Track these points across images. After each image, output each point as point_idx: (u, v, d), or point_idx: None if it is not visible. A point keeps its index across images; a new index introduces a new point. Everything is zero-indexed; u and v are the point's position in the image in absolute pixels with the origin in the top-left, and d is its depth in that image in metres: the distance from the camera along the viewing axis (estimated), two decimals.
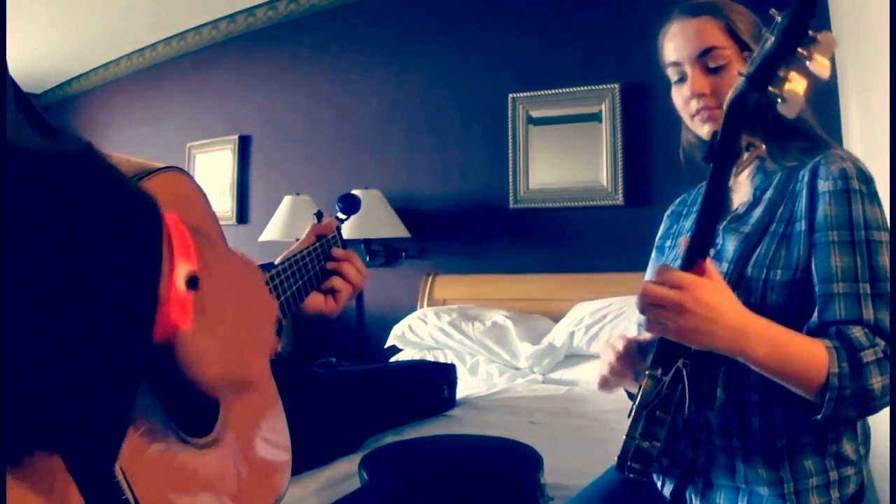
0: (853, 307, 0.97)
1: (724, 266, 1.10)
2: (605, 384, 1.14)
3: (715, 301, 0.90)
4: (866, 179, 1.04)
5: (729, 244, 1.12)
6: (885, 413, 1.46)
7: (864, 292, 0.97)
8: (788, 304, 1.03)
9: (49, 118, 0.73)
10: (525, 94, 3.58)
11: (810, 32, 0.88)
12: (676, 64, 1.19)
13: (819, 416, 0.93)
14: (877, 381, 0.92)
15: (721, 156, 0.94)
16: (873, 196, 1.03)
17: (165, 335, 0.37)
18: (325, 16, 4.15)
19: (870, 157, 2.05)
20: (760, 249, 1.07)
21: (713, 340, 0.91)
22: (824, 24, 2.86)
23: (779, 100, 0.85)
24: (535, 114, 3.58)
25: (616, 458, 0.99)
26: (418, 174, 3.86)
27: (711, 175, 0.95)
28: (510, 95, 3.61)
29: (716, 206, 0.97)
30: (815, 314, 1.01)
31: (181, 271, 0.38)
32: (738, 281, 1.06)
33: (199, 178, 4.54)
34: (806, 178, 1.07)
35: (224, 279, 0.45)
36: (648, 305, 0.91)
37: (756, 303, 1.03)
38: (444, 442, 1.90)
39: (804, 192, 1.06)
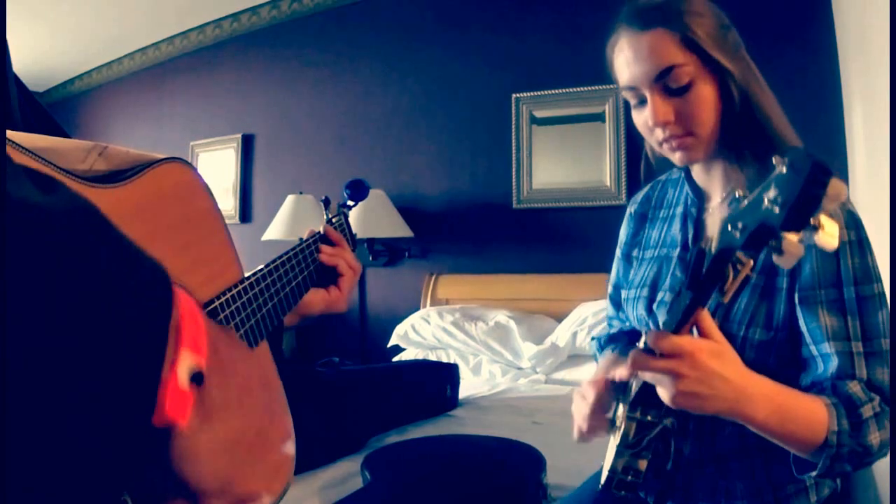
0: (846, 365, 0.92)
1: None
2: (582, 437, 1.05)
3: (714, 364, 0.82)
4: (856, 224, 0.96)
5: None
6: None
7: (858, 351, 0.93)
8: (765, 360, 0.99)
9: (56, 116, 0.73)
10: (528, 94, 3.57)
11: None
12: (632, 88, 1.05)
13: (815, 473, 0.89)
14: (875, 437, 0.88)
15: (705, 283, 0.80)
16: (863, 242, 0.96)
17: (161, 425, 0.35)
18: (329, 15, 4.15)
19: (874, 158, 2.05)
20: (740, 303, 1.00)
21: (714, 405, 0.83)
22: (828, 25, 2.86)
23: (774, 254, 0.72)
24: (538, 114, 3.57)
25: (601, 483, 0.98)
26: (421, 174, 3.86)
27: (691, 301, 0.81)
28: (513, 95, 3.60)
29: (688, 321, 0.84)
30: (808, 373, 0.97)
31: (185, 363, 0.35)
32: None
33: (202, 176, 4.55)
34: None
35: (238, 380, 0.42)
36: (645, 373, 0.85)
37: None
38: (446, 442, 1.89)
39: None
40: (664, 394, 0.84)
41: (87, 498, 0.33)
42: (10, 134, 0.43)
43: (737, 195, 0.77)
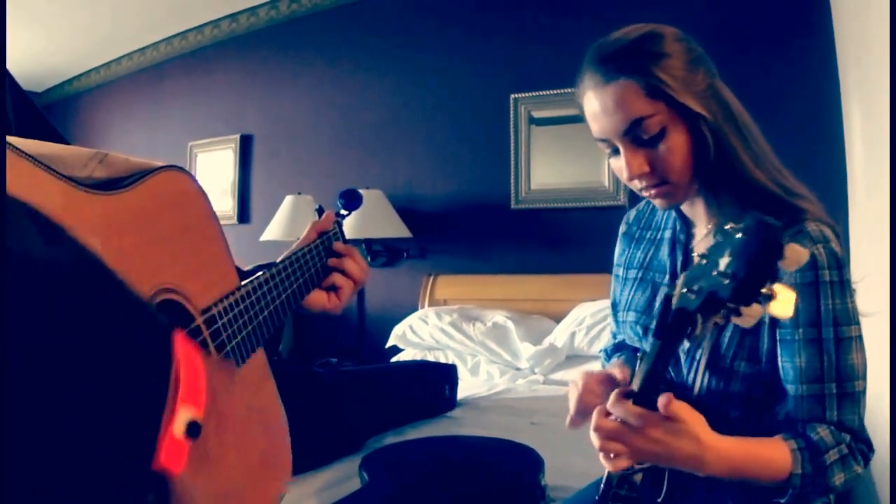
0: (817, 408, 0.95)
1: (686, 344, 1.05)
2: (573, 423, 1.08)
3: (669, 439, 0.87)
4: (838, 264, 0.96)
5: None
6: (885, 412, 1.47)
7: (830, 392, 0.95)
8: (752, 390, 1.01)
9: (52, 119, 0.73)
10: (527, 94, 3.58)
11: None
12: (602, 140, 1.04)
13: (783, 501, 0.94)
14: (839, 478, 0.93)
15: (671, 334, 0.82)
16: (845, 284, 0.96)
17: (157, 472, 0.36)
18: (327, 16, 4.15)
19: (872, 160, 2.05)
20: (724, 336, 1.02)
21: (669, 465, 0.91)
22: (827, 27, 2.87)
23: (733, 315, 0.73)
24: (536, 114, 3.58)
25: (597, 496, 1.00)
26: (420, 174, 3.86)
27: (660, 349, 0.83)
28: (512, 96, 3.60)
29: (660, 373, 0.88)
30: (783, 406, 1.00)
31: (182, 416, 0.36)
32: (701, 367, 1.04)
33: (201, 177, 4.55)
34: None
35: (236, 423, 0.43)
36: (603, 439, 0.90)
37: (719, 390, 1.02)
38: (444, 443, 1.89)
39: None
40: (624, 456, 0.90)
41: None
42: (14, 140, 0.44)
43: (713, 243, 0.78)
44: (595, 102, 1.02)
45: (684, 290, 0.78)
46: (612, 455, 0.91)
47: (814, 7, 2.94)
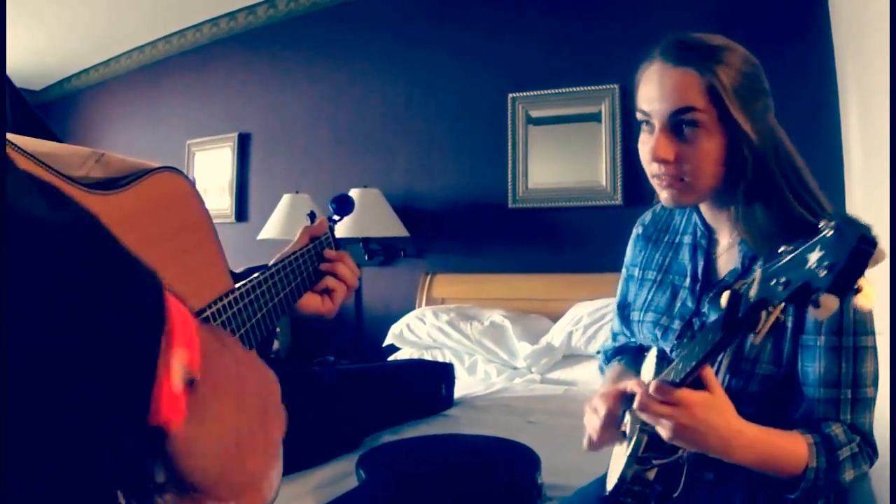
0: (832, 410, 1.01)
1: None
2: (592, 447, 1.12)
3: (708, 417, 0.92)
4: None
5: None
6: (885, 413, 1.47)
7: (846, 398, 1.00)
8: (768, 393, 1.06)
9: (47, 118, 0.74)
10: (525, 93, 3.58)
11: None
12: (646, 114, 1.07)
13: (792, 496, 0.98)
14: (849, 474, 0.98)
15: (741, 326, 0.84)
16: None
17: (158, 425, 0.36)
18: (326, 14, 4.15)
19: (869, 159, 2.06)
20: (748, 339, 1.04)
21: (703, 447, 0.94)
22: (824, 24, 2.87)
23: (811, 307, 0.74)
24: (534, 114, 3.58)
25: (608, 490, 1.03)
26: (417, 173, 3.86)
27: (720, 340, 0.86)
28: (510, 95, 3.61)
29: (712, 359, 0.94)
30: (800, 408, 1.05)
31: (178, 364, 0.36)
32: (723, 369, 1.07)
33: (199, 175, 4.55)
34: None
35: (230, 379, 0.44)
36: (650, 413, 0.94)
37: (738, 390, 1.05)
38: (441, 441, 1.90)
39: None
40: (662, 431, 0.94)
41: (83, 497, 0.34)
42: (11, 137, 0.44)
43: (761, 264, 0.83)
44: (655, 80, 1.05)
45: (769, 279, 0.80)
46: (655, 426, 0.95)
47: (811, 6, 2.94)
